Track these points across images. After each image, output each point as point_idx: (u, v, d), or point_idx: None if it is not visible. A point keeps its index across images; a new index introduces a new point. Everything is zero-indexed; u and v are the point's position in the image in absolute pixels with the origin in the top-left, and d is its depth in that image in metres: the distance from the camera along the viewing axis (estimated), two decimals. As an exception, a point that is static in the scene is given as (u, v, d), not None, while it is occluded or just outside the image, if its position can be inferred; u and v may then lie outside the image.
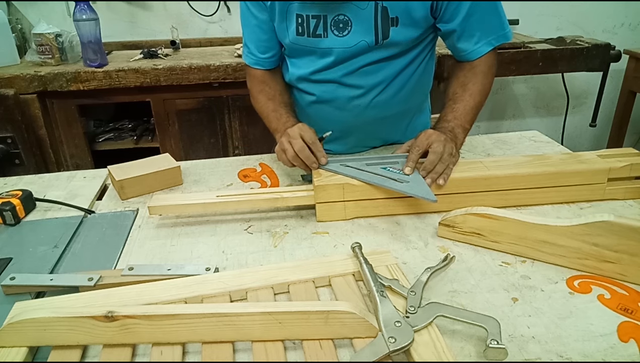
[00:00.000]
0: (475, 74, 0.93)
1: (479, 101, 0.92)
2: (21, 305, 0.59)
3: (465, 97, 0.92)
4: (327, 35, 0.92)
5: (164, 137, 1.94)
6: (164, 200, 0.82)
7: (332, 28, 0.91)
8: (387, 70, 0.97)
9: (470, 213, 0.72)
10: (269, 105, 1.01)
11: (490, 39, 0.91)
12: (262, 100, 1.03)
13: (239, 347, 0.56)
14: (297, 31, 0.94)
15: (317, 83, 1.00)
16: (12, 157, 1.74)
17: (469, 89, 0.92)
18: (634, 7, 2.54)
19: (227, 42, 2.22)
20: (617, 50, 2.06)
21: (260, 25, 0.98)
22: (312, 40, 0.93)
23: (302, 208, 0.86)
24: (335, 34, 0.91)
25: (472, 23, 0.89)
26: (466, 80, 0.93)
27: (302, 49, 0.96)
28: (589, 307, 0.61)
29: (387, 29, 0.89)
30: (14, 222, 0.84)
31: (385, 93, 1.00)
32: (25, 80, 1.71)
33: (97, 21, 1.76)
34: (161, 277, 0.65)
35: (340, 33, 0.91)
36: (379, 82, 0.97)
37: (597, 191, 0.84)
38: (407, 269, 0.69)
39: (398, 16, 0.88)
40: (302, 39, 0.94)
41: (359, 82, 0.97)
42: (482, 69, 0.93)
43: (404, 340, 0.52)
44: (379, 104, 1.01)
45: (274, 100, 1.02)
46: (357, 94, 0.99)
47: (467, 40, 0.91)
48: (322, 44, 0.93)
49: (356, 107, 1.00)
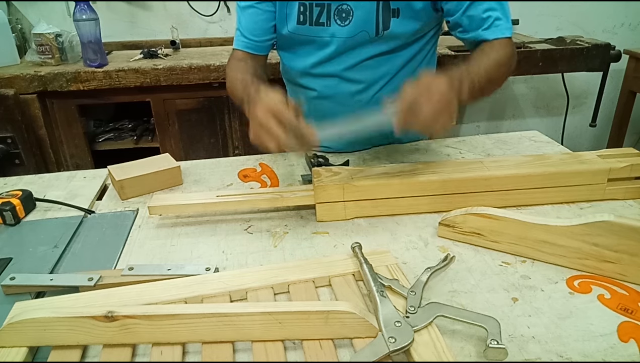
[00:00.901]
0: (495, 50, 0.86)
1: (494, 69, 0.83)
2: (21, 305, 0.59)
3: (483, 58, 0.84)
4: (330, 24, 0.92)
5: (164, 137, 1.94)
6: (164, 200, 0.82)
7: (335, 17, 0.91)
8: (388, 65, 0.97)
9: (470, 213, 0.72)
10: (238, 76, 0.93)
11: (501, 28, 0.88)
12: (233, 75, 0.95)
13: (239, 347, 0.56)
14: (299, 20, 0.93)
15: (319, 77, 0.99)
16: (12, 157, 1.74)
17: (488, 54, 0.85)
18: (634, 7, 2.54)
19: (227, 42, 2.22)
20: (617, 50, 2.06)
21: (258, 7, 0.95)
22: (315, 28, 0.93)
23: (302, 209, 0.86)
24: (337, 23, 0.91)
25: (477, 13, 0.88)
26: (486, 49, 0.87)
27: (300, 39, 0.96)
28: (589, 307, 0.61)
29: (388, 19, 0.89)
30: (14, 222, 0.84)
31: (387, 88, 1.00)
32: (25, 80, 1.71)
33: (97, 21, 1.76)
34: (161, 277, 0.65)
35: (343, 22, 0.91)
36: (380, 76, 0.98)
37: (597, 191, 0.84)
38: (407, 269, 0.69)
39: (400, 8, 0.88)
40: (304, 28, 0.94)
41: (360, 77, 0.97)
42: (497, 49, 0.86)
43: (404, 340, 0.52)
44: (381, 100, 1.01)
45: (245, 73, 0.94)
46: (358, 89, 0.99)
47: (474, 30, 0.89)
48: (324, 33, 0.93)
49: (357, 103, 1.01)
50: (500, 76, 0.87)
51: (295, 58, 1.01)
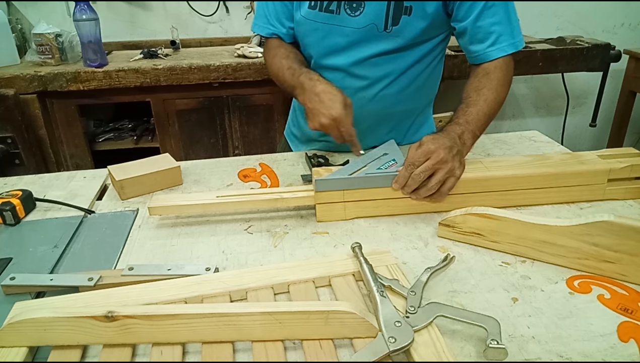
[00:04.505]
0: (490, 80, 0.90)
1: (492, 109, 0.88)
2: (21, 305, 0.59)
3: (479, 102, 0.87)
4: (340, 13, 0.93)
5: (164, 137, 1.94)
6: (164, 200, 0.82)
7: (346, 6, 0.92)
8: (393, 65, 0.98)
9: (470, 213, 0.72)
10: (283, 63, 0.98)
11: (503, 45, 0.90)
12: (277, 62, 1.00)
13: (239, 347, 0.56)
14: (310, 4, 0.95)
15: (326, 70, 1.01)
16: (12, 157, 1.74)
17: (484, 94, 0.88)
18: (634, 7, 2.54)
19: (227, 42, 2.22)
20: (617, 50, 2.06)
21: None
22: (324, 15, 0.94)
23: (302, 209, 0.86)
24: (347, 12, 0.92)
25: (484, 25, 0.90)
26: (481, 85, 0.90)
27: (311, 25, 0.97)
28: (589, 307, 0.61)
29: (399, 16, 0.90)
30: (14, 222, 0.84)
31: (391, 88, 1.01)
32: (25, 80, 1.71)
33: (97, 21, 1.76)
34: (161, 277, 0.65)
35: (353, 13, 0.92)
36: (385, 75, 0.99)
37: (597, 191, 0.84)
38: (407, 269, 0.69)
39: (412, 6, 0.90)
40: (314, 13, 0.95)
41: (366, 73, 0.99)
42: (498, 75, 0.90)
43: (404, 340, 0.52)
44: (384, 98, 1.02)
45: (288, 58, 0.99)
46: (363, 85, 1.00)
47: (479, 42, 0.91)
48: (333, 21, 0.94)
49: (361, 99, 1.02)
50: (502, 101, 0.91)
51: (305, 47, 1.02)
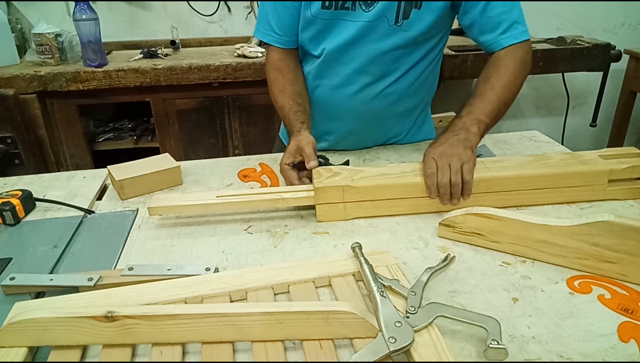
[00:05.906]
0: (498, 68, 0.91)
1: (502, 95, 0.89)
2: (21, 305, 0.59)
3: (486, 91, 0.90)
4: (355, 9, 0.94)
5: (163, 137, 1.94)
6: (163, 200, 0.82)
7: (361, 2, 0.93)
8: (399, 62, 0.99)
9: (471, 213, 0.72)
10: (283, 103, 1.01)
11: (515, 33, 0.92)
12: (275, 93, 1.04)
13: (239, 347, 0.56)
14: (324, 4, 0.94)
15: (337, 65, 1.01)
16: (12, 157, 1.74)
17: (491, 83, 0.90)
18: (634, 7, 2.54)
19: (227, 42, 2.22)
20: (618, 50, 2.06)
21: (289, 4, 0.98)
22: (339, 12, 0.95)
23: (302, 209, 0.86)
24: (362, 8, 0.93)
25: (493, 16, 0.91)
26: (489, 75, 0.92)
27: (322, 23, 0.97)
28: (589, 307, 0.61)
29: (410, 9, 0.92)
30: (13, 222, 0.84)
31: (395, 85, 1.02)
32: (25, 80, 1.71)
33: (97, 21, 1.76)
34: (161, 277, 0.65)
35: (367, 8, 0.93)
36: (390, 71, 1.00)
37: (597, 191, 0.84)
38: (407, 269, 0.69)
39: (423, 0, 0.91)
40: (327, 13, 0.95)
41: (373, 69, 1.00)
42: (507, 62, 0.91)
43: (404, 340, 0.52)
44: (387, 96, 1.03)
45: (284, 93, 1.01)
46: (369, 81, 1.02)
47: (490, 32, 0.93)
48: (347, 17, 0.95)
49: (365, 97, 1.03)
50: (515, 88, 0.92)
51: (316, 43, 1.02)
